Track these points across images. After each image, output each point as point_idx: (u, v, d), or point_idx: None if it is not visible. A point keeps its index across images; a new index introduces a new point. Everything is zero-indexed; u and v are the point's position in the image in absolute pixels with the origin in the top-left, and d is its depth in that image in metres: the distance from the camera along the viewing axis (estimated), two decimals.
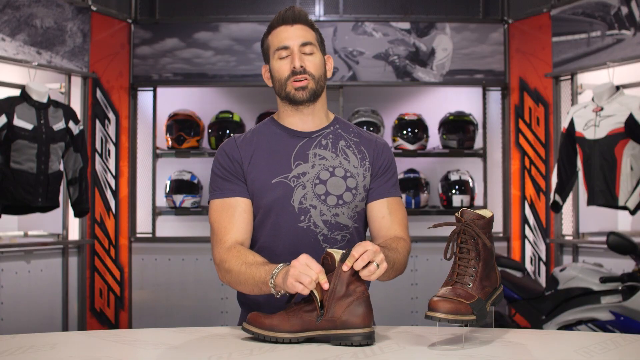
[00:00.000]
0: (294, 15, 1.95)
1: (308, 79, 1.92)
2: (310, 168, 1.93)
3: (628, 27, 4.33)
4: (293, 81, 1.92)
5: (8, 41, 4.33)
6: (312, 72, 1.92)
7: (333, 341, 1.59)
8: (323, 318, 1.59)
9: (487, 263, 1.64)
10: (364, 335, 1.58)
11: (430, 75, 5.32)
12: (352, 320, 1.58)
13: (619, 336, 1.69)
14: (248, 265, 1.78)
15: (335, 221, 1.92)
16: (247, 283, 1.78)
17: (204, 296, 5.15)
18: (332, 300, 1.59)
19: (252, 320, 1.65)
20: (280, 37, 1.94)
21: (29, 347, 1.55)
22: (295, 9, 1.96)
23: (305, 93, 1.92)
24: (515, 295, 3.97)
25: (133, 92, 5.30)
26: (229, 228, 1.89)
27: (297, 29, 1.94)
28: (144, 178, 5.31)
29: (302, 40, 1.93)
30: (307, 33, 1.95)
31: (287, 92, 1.93)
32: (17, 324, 4.36)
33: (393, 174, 2.02)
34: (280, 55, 1.93)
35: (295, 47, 1.92)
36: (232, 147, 1.97)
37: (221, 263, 1.86)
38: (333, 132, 2.00)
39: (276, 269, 1.70)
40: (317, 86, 1.94)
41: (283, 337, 1.60)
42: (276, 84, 1.97)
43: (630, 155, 3.98)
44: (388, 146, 2.05)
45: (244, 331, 1.66)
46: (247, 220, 1.92)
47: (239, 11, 5.35)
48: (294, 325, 1.60)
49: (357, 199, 1.95)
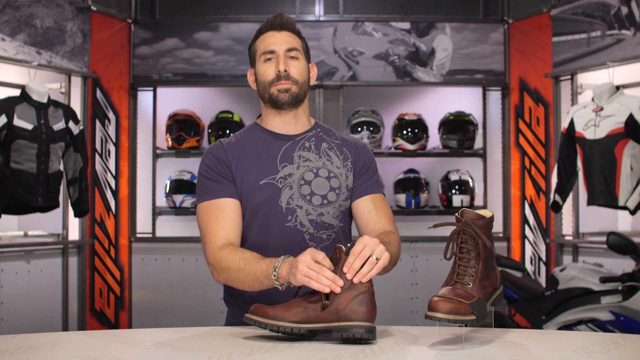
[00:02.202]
0: (282, 22, 2.02)
1: (291, 83, 1.98)
2: (296, 169, 1.98)
3: (628, 27, 4.33)
4: (276, 84, 1.98)
5: (8, 41, 4.33)
6: (295, 77, 1.99)
7: (335, 333, 1.60)
8: (327, 309, 1.60)
9: (487, 263, 1.64)
10: (366, 328, 1.58)
11: (430, 75, 5.32)
12: (356, 313, 1.59)
13: (619, 336, 1.69)
14: (247, 260, 1.80)
15: (321, 220, 1.97)
16: (247, 279, 1.80)
17: (204, 296, 5.15)
18: (337, 293, 1.60)
19: (256, 310, 1.65)
20: (267, 42, 2.01)
21: (29, 347, 1.55)
22: (284, 16, 2.04)
23: (288, 96, 1.98)
24: (515, 295, 3.97)
25: (133, 92, 5.30)
26: (218, 229, 1.92)
27: (284, 35, 2.01)
28: (144, 178, 5.31)
29: (288, 45, 2.00)
30: (293, 40, 2.02)
31: (270, 93, 1.99)
32: (17, 324, 4.36)
33: (375, 172, 2.08)
34: (265, 58, 2.00)
35: (281, 52, 1.99)
36: (219, 149, 2.01)
37: (216, 262, 1.87)
38: (315, 135, 2.06)
39: (278, 262, 1.72)
40: (300, 91, 2.00)
41: (285, 327, 1.60)
42: (260, 87, 2.03)
43: (630, 155, 3.98)
44: (368, 147, 2.12)
45: (246, 321, 1.65)
46: (236, 221, 1.95)
47: (239, 11, 5.35)
48: (297, 314, 1.61)
49: (340, 198, 2.00)
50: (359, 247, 1.63)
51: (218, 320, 5.10)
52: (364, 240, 1.64)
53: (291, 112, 2.02)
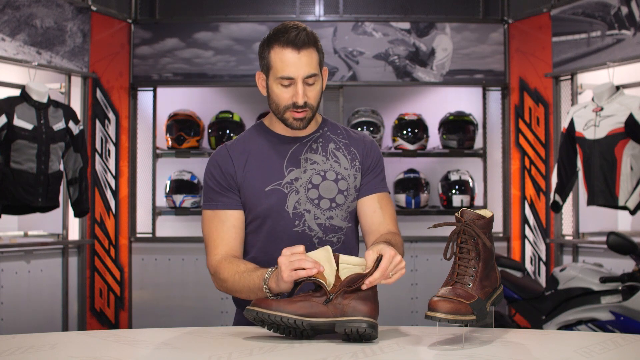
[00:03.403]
0: (303, 39, 1.87)
1: (307, 110, 1.92)
2: (303, 173, 1.96)
3: (628, 27, 4.33)
4: (293, 111, 1.90)
5: (8, 41, 4.33)
6: (312, 103, 1.92)
7: (338, 327, 1.60)
8: (331, 302, 1.61)
9: (487, 263, 1.64)
10: (368, 323, 1.59)
11: (430, 75, 5.32)
12: (359, 309, 1.60)
13: (619, 336, 1.69)
14: (240, 274, 1.84)
15: (330, 224, 1.96)
16: (243, 291, 1.84)
17: (204, 296, 5.15)
18: (342, 289, 1.62)
19: (259, 302, 1.64)
20: (285, 64, 1.87)
21: (29, 347, 1.55)
22: (303, 33, 1.88)
23: (303, 123, 1.93)
24: (515, 295, 3.97)
25: (133, 92, 5.30)
26: (218, 242, 1.95)
27: (304, 57, 1.87)
28: (144, 178, 5.31)
29: (307, 72, 1.88)
30: (312, 61, 1.89)
31: (284, 118, 1.93)
32: (17, 324, 4.36)
33: (381, 170, 2.06)
34: (282, 83, 1.89)
35: (300, 79, 1.88)
36: (225, 158, 1.99)
37: (215, 274, 1.93)
38: (322, 136, 2.02)
39: (267, 274, 1.75)
40: (313, 113, 1.94)
41: (288, 317, 1.60)
42: (273, 105, 1.95)
43: (630, 155, 3.98)
44: (375, 143, 2.08)
45: (247, 314, 1.64)
46: (235, 235, 1.96)
47: (239, 11, 5.34)
48: (300, 307, 1.61)
49: (349, 200, 1.99)
50: (385, 263, 1.63)
51: (218, 320, 5.10)
52: (391, 258, 1.65)
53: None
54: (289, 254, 1.67)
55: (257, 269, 1.82)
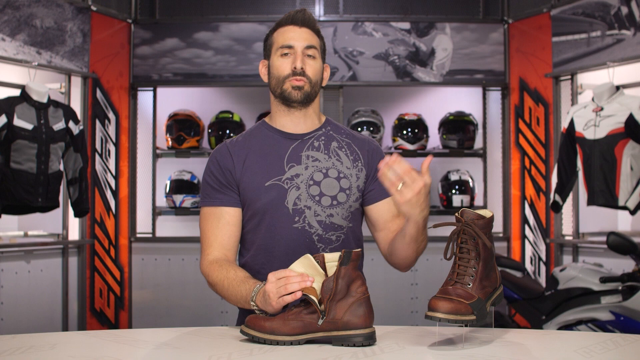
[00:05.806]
0: (304, 18, 1.98)
1: (306, 81, 1.94)
2: (304, 170, 1.95)
3: (628, 27, 4.33)
4: (292, 79, 1.94)
5: (8, 41, 4.33)
6: (310, 75, 1.95)
7: (335, 342, 1.60)
8: (325, 320, 1.60)
9: (487, 263, 1.64)
10: (365, 336, 1.59)
11: (430, 75, 5.32)
12: (354, 321, 1.59)
13: (619, 336, 1.69)
14: (230, 281, 1.83)
15: (330, 222, 1.94)
16: (231, 299, 1.84)
17: (204, 296, 5.14)
18: (334, 302, 1.59)
19: (252, 323, 1.64)
20: (285, 36, 1.96)
21: (29, 347, 1.55)
22: (307, 13, 1.99)
23: (301, 94, 1.95)
24: (515, 295, 3.97)
25: (133, 92, 5.30)
26: (211, 240, 1.95)
27: (304, 32, 1.97)
28: (144, 178, 5.31)
29: (307, 42, 1.96)
30: (312, 38, 1.98)
31: (283, 89, 1.95)
32: (17, 324, 4.36)
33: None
34: (282, 52, 1.96)
35: (299, 48, 1.95)
36: (224, 154, 2.00)
37: (206, 275, 1.93)
38: (325, 134, 2.03)
39: (254, 291, 1.72)
40: (312, 90, 1.97)
41: (284, 341, 1.60)
42: (273, 81, 1.99)
43: (630, 155, 3.98)
44: (380, 147, 2.09)
45: (243, 334, 1.65)
46: (230, 232, 1.96)
47: (239, 11, 5.34)
48: (294, 328, 1.60)
49: (351, 199, 1.97)
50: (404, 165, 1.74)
51: (218, 320, 5.10)
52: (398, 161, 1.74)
53: (301, 111, 1.99)
54: (274, 280, 1.64)
55: (247, 279, 1.80)
